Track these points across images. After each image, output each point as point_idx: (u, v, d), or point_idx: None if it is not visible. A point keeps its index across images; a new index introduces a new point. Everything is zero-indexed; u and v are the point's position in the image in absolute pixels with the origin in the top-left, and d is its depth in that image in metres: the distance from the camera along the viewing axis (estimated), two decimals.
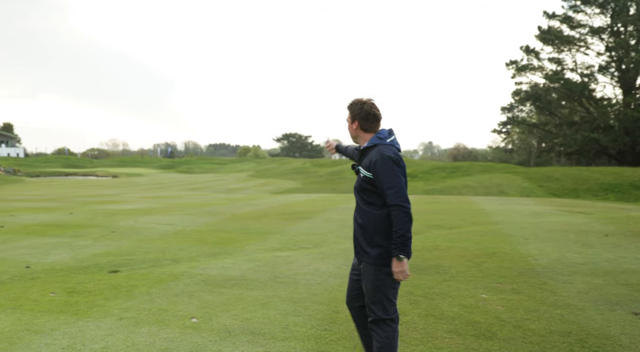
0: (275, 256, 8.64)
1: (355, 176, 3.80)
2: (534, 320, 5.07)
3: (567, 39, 49.28)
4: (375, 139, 3.53)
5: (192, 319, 5.25)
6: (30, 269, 7.97)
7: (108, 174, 76.55)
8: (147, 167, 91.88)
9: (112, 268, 8.02)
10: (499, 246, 9.05)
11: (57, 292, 6.47)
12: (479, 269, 7.33)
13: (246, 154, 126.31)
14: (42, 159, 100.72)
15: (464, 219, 13.38)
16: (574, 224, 12.04)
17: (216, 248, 9.64)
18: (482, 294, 6.06)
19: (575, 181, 35.11)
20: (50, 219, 15.00)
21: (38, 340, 4.67)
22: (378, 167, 3.34)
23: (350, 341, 4.56)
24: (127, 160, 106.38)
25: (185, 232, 11.77)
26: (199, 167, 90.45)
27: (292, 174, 57.71)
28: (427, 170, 44.63)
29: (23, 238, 11.22)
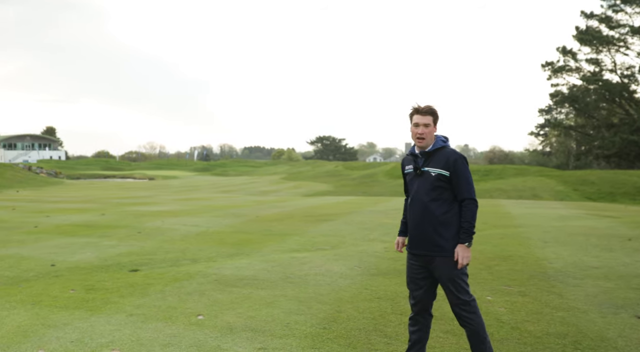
0: (291, 256, 8.79)
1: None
2: (534, 322, 5.09)
3: (606, 39, 48.24)
4: (440, 142, 3.88)
5: (199, 316, 5.43)
6: (55, 267, 8.31)
7: (145, 176, 78.13)
8: (183, 170, 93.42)
9: (133, 267, 8.29)
10: (516, 249, 9.02)
11: (77, 289, 6.74)
12: (490, 272, 7.34)
13: (280, 157, 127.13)
14: (82, 161, 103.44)
15: (487, 222, 13.31)
16: (599, 227, 11.87)
17: (235, 249, 9.85)
18: (487, 296, 6.09)
19: (612, 185, 34.37)
20: (82, 219, 15.50)
21: (50, 334, 4.91)
22: (459, 165, 3.73)
23: (346, 339, 4.67)
24: (164, 163, 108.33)
25: (207, 234, 12.03)
26: (233, 170, 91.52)
27: (324, 176, 57.88)
28: None
29: (53, 238, 11.64)
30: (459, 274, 3.75)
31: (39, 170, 71.18)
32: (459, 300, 3.76)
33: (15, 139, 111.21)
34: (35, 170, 70.85)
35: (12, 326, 5.19)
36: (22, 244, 10.69)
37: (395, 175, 50.68)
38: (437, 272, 3.81)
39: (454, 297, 3.77)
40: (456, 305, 3.79)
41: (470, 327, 3.76)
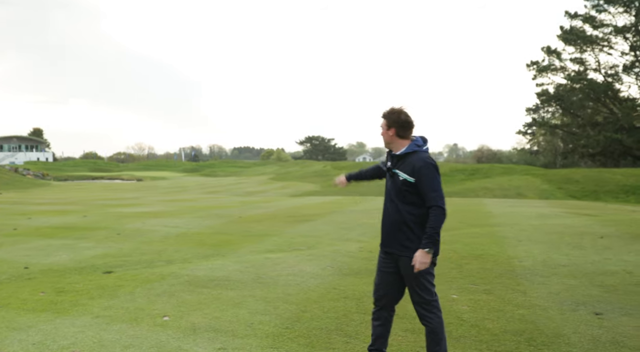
0: (266, 257, 8.83)
1: None
2: (493, 320, 5.17)
3: (590, 39, 48.55)
4: (413, 146, 3.87)
5: (164, 317, 5.46)
6: (28, 270, 8.29)
7: (133, 177, 77.81)
8: (172, 171, 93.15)
9: (107, 269, 8.30)
10: (489, 248, 9.11)
11: (47, 291, 6.75)
12: (460, 271, 7.43)
13: (269, 157, 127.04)
14: (70, 163, 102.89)
15: (465, 221, 13.42)
16: (575, 226, 12.00)
17: (211, 250, 9.87)
18: (453, 294, 6.17)
19: (596, 183, 34.67)
20: (62, 221, 15.44)
21: (13, 336, 4.93)
22: (424, 173, 3.72)
23: (306, 339, 4.72)
24: (153, 164, 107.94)
25: (187, 235, 12.04)
26: (222, 171, 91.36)
27: (312, 177, 57.93)
28: (446, 172, 44.43)
29: (31, 240, 11.60)
30: (424, 274, 3.80)
31: (26, 172, 70.68)
32: (421, 299, 3.85)
33: (1, 140, 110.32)
34: (22, 172, 70.33)
35: None
36: None
37: None
38: (402, 271, 3.90)
39: (417, 295, 3.86)
40: (418, 303, 3.88)
41: (429, 326, 3.85)
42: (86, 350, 4.53)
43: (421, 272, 3.78)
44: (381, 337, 4.11)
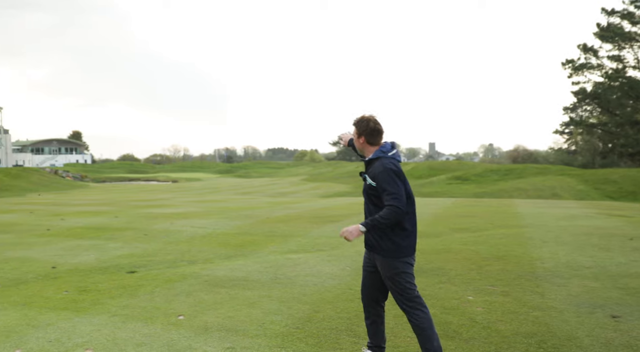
0: (287, 258, 8.88)
1: None
2: (507, 322, 5.09)
3: (628, 36, 47.38)
4: (378, 153, 4.04)
5: (179, 316, 5.54)
6: (55, 270, 8.51)
7: (168, 179, 79.03)
8: (206, 172, 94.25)
9: (131, 269, 8.46)
10: (512, 249, 8.98)
11: (70, 290, 6.92)
12: (479, 272, 7.33)
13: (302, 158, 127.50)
14: (107, 165, 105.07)
15: (493, 222, 13.24)
16: (604, 227, 11.72)
17: (234, 250, 9.97)
18: (469, 296, 6.10)
19: (635, 184, 33.75)
20: (94, 222, 15.79)
21: (32, 334, 5.07)
22: (380, 178, 3.87)
23: (315, 339, 4.73)
24: (188, 165, 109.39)
25: (212, 235, 12.18)
26: (255, 172, 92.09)
27: (344, 177, 57.89)
28: (479, 173, 43.94)
29: (62, 240, 11.90)
30: (398, 273, 3.94)
31: (65, 174, 72.44)
32: (400, 296, 3.97)
33: (42, 143, 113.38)
34: (61, 173, 72.10)
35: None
36: (30, 247, 10.96)
37: (416, 175, 50.52)
38: (379, 269, 4.06)
39: (395, 293, 4.00)
40: (399, 300, 3.99)
41: (415, 322, 3.95)
42: (99, 348, 4.63)
43: (394, 272, 3.93)
44: (376, 334, 4.25)
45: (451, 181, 42.56)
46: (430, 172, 49.94)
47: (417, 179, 47.58)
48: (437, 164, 56.88)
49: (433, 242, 10.09)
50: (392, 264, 3.93)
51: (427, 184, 42.72)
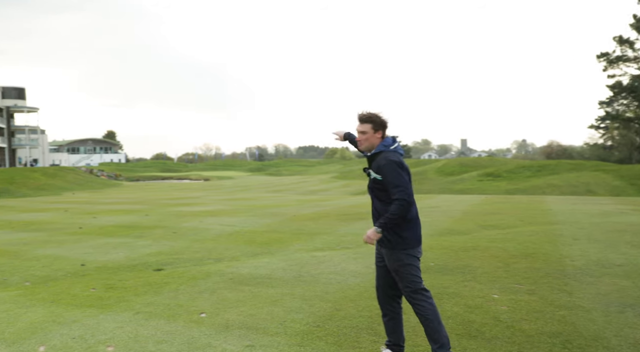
0: (312, 255, 8.85)
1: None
2: (531, 321, 4.97)
3: None
4: (381, 147, 4.07)
5: (201, 314, 5.56)
6: (84, 267, 8.66)
7: (201, 177, 79.83)
8: (238, 170, 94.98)
9: (158, 266, 8.56)
10: (541, 247, 8.79)
11: (98, 288, 7.01)
12: (507, 270, 7.19)
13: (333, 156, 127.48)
14: (141, 164, 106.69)
15: (523, 219, 13.00)
16: (639, 224, 11.40)
17: (260, 248, 9.99)
18: (494, 294, 5.98)
19: None
20: (125, 220, 16.03)
21: (56, 330, 5.14)
22: (385, 171, 3.91)
23: (335, 337, 4.69)
24: (219, 163, 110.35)
25: (240, 233, 12.24)
26: (286, 170, 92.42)
27: None
28: (511, 169, 43.22)
29: (93, 238, 12.11)
30: (403, 265, 3.96)
31: (100, 173, 73.85)
32: (407, 288, 3.99)
33: (78, 143, 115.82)
34: (96, 173, 73.53)
35: (26, 322, 5.46)
36: (61, 245, 11.18)
37: (447, 172, 50.00)
38: (386, 263, 4.09)
39: (402, 285, 4.02)
40: (406, 293, 4.02)
41: (420, 313, 3.96)
42: (121, 345, 4.68)
43: (399, 264, 3.95)
44: (394, 332, 4.22)
45: (482, 177, 41.97)
46: (462, 168, 49.31)
47: (448, 176, 47.09)
48: (468, 161, 56.15)
49: (460, 239, 9.95)
50: (396, 256, 3.96)
51: (458, 181, 42.25)
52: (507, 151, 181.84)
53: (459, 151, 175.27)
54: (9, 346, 4.75)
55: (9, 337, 5.00)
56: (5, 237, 12.95)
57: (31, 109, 79.78)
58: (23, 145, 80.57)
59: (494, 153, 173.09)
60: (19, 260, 9.48)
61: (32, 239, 12.30)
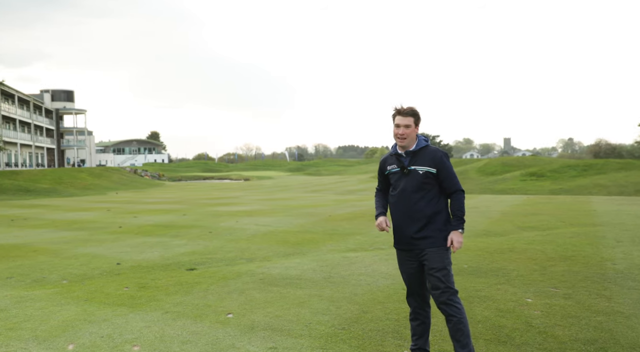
0: (344, 256, 8.79)
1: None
2: (566, 326, 4.79)
3: None
4: (423, 142, 3.99)
5: (228, 314, 5.57)
6: (119, 266, 8.80)
7: (241, 177, 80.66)
8: (278, 170, 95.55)
9: (191, 266, 8.62)
10: (582, 249, 8.50)
11: (131, 287, 7.11)
12: (543, 273, 6.98)
13: (373, 155, 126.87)
14: (183, 164, 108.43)
15: (564, 221, 12.63)
16: None
17: (293, 248, 9.97)
18: (528, 298, 5.79)
19: None
20: (163, 220, 16.27)
21: (86, 329, 5.22)
22: (445, 162, 3.88)
23: (359, 340, 4.62)
24: (260, 163, 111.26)
25: (274, 233, 12.26)
26: (326, 169, 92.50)
27: None
28: (556, 168, 42.17)
29: (131, 237, 12.32)
30: (449, 263, 3.87)
31: (144, 173, 75.43)
32: (448, 289, 3.82)
33: (123, 144, 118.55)
34: (140, 173, 75.14)
35: (58, 320, 5.56)
36: (101, 244, 11.40)
37: (488, 171, 49.17)
38: (429, 263, 3.87)
39: (444, 285, 3.81)
40: (444, 294, 3.81)
41: (457, 317, 3.80)
42: (146, 344, 4.71)
43: (446, 262, 3.84)
44: (422, 337, 4.10)
45: (525, 177, 41.07)
46: (504, 168, 48.40)
47: (490, 176, 46.29)
48: (511, 160, 55.01)
49: (497, 241, 9.72)
50: (443, 254, 3.84)
51: (500, 181, 41.48)
52: (552, 150, 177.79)
53: (502, 150, 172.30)
54: (40, 343, 4.84)
55: (41, 334, 5.09)
56: (49, 235, 13.30)
57: (79, 111, 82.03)
58: (71, 146, 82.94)
59: (538, 152, 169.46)
60: (58, 258, 9.70)
61: (73, 238, 12.59)
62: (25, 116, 68.70)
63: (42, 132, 76.11)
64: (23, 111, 68.79)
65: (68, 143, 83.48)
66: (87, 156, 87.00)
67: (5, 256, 10.15)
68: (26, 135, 68.28)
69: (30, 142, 69.28)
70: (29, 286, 7.59)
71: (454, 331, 3.81)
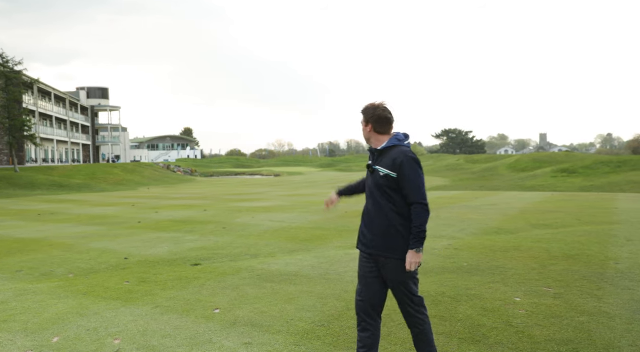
0: (347, 253, 8.80)
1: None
2: (545, 326, 4.72)
3: None
4: (394, 141, 3.68)
5: (215, 310, 5.64)
6: (127, 261, 8.99)
7: (272, 173, 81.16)
8: (309, 166, 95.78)
9: (196, 261, 8.76)
10: (588, 248, 8.34)
11: (131, 281, 7.26)
12: (541, 272, 6.87)
13: None
14: (216, 160, 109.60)
15: (581, 219, 12.39)
16: None
17: (299, 245, 10.03)
18: (517, 297, 5.72)
19: None
20: (183, 215, 16.52)
21: (75, 322, 5.36)
22: (406, 167, 3.52)
23: (333, 338, 4.64)
24: (291, 159, 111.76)
25: (285, 230, 12.34)
26: (357, 165, 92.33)
27: (444, 171, 56.68)
28: (588, 165, 41.32)
29: (146, 233, 12.55)
30: (413, 275, 3.66)
31: (177, 169, 76.61)
32: (411, 301, 3.67)
33: (157, 140, 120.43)
34: (173, 168, 76.33)
35: (52, 313, 5.72)
36: (115, 239, 11.65)
37: (519, 168, 48.47)
38: (389, 274, 3.65)
39: (407, 297, 3.66)
40: (408, 306, 3.68)
41: (420, 328, 3.68)
42: (127, 338, 4.81)
43: (410, 273, 3.61)
44: (372, 349, 3.77)
45: (557, 173, 40.37)
46: (535, 164, 47.66)
47: (520, 172, 45.62)
48: (543, 156, 54.07)
49: (504, 239, 9.60)
50: (404, 265, 3.55)
51: (530, 178, 40.86)
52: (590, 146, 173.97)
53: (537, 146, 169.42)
54: (28, 335, 4.99)
55: (32, 327, 5.25)
56: (69, 230, 13.65)
57: (113, 107, 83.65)
58: (106, 142, 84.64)
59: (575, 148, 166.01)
60: (70, 253, 9.96)
61: (91, 233, 12.90)
62: (62, 113, 70.40)
63: (78, 128, 77.88)
64: (59, 108, 70.50)
65: (103, 139, 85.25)
66: (121, 152, 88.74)
67: (21, 250, 10.47)
68: (62, 132, 69.96)
69: (67, 138, 70.97)
70: (35, 280, 7.83)
71: (418, 341, 3.74)
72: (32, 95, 60.77)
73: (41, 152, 63.70)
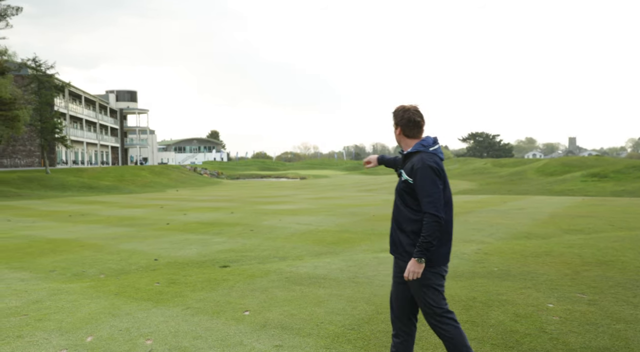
0: (375, 256, 8.77)
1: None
2: (580, 333, 4.63)
3: None
4: (418, 146, 3.66)
5: (245, 312, 5.66)
6: (156, 262, 9.08)
7: (297, 176, 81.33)
8: (334, 169, 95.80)
9: (224, 263, 8.81)
10: (622, 254, 8.17)
11: (161, 282, 7.33)
12: (573, 278, 6.75)
13: None
14: (242, 162, 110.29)
15: (614, 224, 12.15)
16: None
17: (327, 248, 10.02)
18: (550, 303, 5.63)
19: None
20: (210, 217, 16.64)
21: (108, 322, 5.43)
22: (419, 175, 3.49)
23: (364, 341, 4.62)
24: (317, 162, 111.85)
25: (312, 232, 12.34)
26: (383, 169, 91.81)
27: (471, 174, 56.15)
28: (619, 169, 40.51)
29: (175, 234, 12.67)
30: (427, 283, 3.54)
31: (203, 171, 77.23)
32: (429, 310, 3.58)
33: (184, 142, 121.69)
34: (200, 171, 76.98)
35: (85, 313, 5.81)
36: (144, 240, 11.79)
37: (547, 172, 47.77)
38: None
39: (423, 305, 3.60)
40: (427, 314, 3.60)
41: (447, 335, 3.55)
42: (159, 339, 4.86)
43: (423, 282, 3.52)
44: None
45: (586, 178, 39.66)
46: (564, 168, 46.90)
47: (549, 176, 44.96)
48: (573, 160, 53.21)
49: (536, 244, 9.47)
50: (423, 273, 3.50)
51: (559, 182, 40.21)
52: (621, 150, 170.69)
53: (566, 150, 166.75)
54: (62, 334, 5.07)
55: (66, 326, 5.33)
56: (99, 231, 13.85)
57: (142, 110, 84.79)
58: (134, 144, 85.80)
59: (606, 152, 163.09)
60: (101, 253, 10.10)
61: (121, 234, 13.07)
62: (91, 116, 71.59)
63: (107, 131, 79.11)
64: (89, 111, 71.72)
65: (131, 142, 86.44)
66: (149, 154, 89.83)
67: (53, 250, 10.66)
68: (92, 134, 71.14)
69: (96, 140, 72.14)
70: (68, 279, 7.95)
71: (447, 348, 3.63)
72: (63, 98, 61.95)
73: (71, 154, 64.85)
